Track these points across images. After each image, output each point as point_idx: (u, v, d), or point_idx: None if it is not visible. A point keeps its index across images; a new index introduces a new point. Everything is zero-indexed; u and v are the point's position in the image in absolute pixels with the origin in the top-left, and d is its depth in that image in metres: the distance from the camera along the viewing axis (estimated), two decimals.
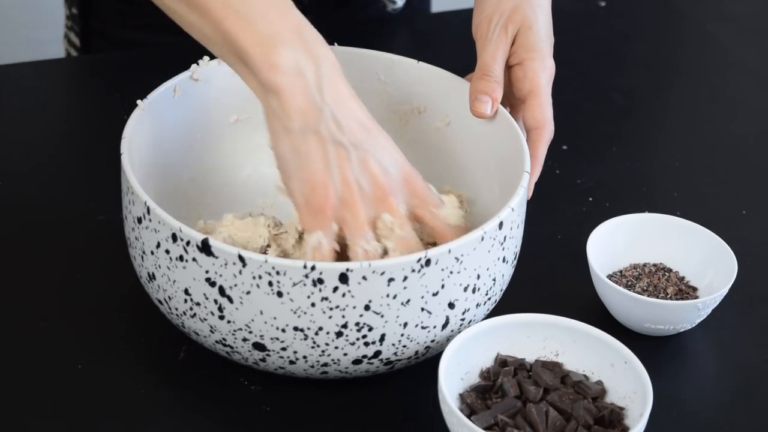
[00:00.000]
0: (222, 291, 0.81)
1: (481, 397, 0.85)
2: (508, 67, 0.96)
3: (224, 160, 1.01)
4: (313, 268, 0.78)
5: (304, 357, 0.83)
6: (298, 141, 0.82)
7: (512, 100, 0.98)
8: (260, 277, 0.79)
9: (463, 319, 0.86)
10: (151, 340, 0.92)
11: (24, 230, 1.01)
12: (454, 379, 0.85)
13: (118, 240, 0.94)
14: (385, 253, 0.84)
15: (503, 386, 0.84)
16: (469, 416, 0.82)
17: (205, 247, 0.80)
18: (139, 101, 0.92)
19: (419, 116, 1.02)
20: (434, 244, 0.86)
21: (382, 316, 0.81)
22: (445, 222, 0.87)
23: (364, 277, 0.79)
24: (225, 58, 0.84)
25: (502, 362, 0.87)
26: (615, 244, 0.98)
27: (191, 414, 0.87)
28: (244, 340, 0.83)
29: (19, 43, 2.22)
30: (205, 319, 0.83)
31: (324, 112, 0.82)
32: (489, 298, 0.87)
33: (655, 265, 0.99)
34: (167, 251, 0.82)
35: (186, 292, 0.83)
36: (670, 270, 0.99)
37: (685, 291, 0.97)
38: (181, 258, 0.82)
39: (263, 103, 0.83)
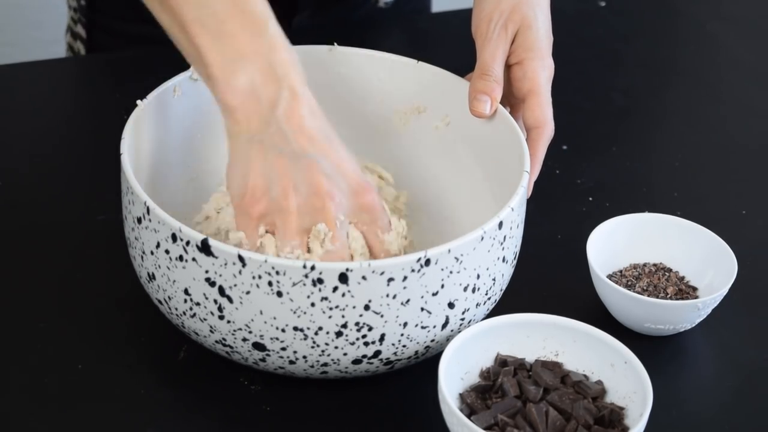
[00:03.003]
0: (222, 291, 0.81)
1: (481, 397, 0.85)
2: (508, 67, 0.96)
3: (224, 160, 1.00)
4: (312, 268, 0.78)
5: (304, 357, 0.83)
6: (243, 149, 0.83)
7: (512, 100, 0.98)
8: (260, 277, 0.79)
9: (462, 319, 0.86)
10: (151, 340, 0.92)
11: (24, 230, 1.01)
12: (454, 379, 0.84)
13: (118, 240, 0.94)
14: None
15: (503, 386, 0.84)
16: (469, 416, 0.82)
17: (204, 247, 0.80)
18: (139, 101, 0.92)
19: (419, 116, 1.02)
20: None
21: (381, 316, 0.81)
22: (385, 248, 0.86)
23: (363, 277, 0.79)
24: (196, 69, 0.86)
25: (502, 362, 0.87)
26: (615, 244, 0.98)
27: (191, 414, 0.87)
28: (244, 340, 0.83)
29: (20, 43, 2.22)
30: (205, 319, 0.83)
31: (270, 126, 0.83)
32: (489, 298, 0.87)
33: (655, 265, 0.99)
34: (167, 251, 0.82)
35: (186, 292, 0.83)
36: (670, 270, 0.99)
37: (685, 291, 0.97)
38: (180, 258, 0.82)
39: (223, 118, 0.85)
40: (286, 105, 0.83)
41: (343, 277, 0.79)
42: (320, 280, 0.79)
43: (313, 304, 0.80)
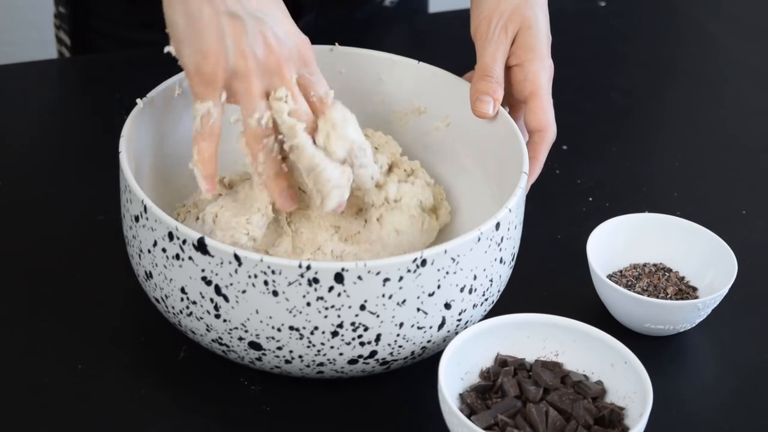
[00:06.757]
0: (218, 290, 0.81)
1: (481, 397, 0.85)
2: (507, 68, 0.96)
3: (224, 160, 1.00)
4: (308, 267, 0.78)
5: (300, 356, 0.83)
6: (192, 7, 0.82)
7: (511, 101, 0.97)
8: (255, 276, 0.79)
9: (459, 320, 0.85)
10: (151, 339, 0.92)
11: (24, 230, 1.01)
12: (454, 379, 0.84)
13: (118, 240, 0.94)
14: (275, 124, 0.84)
15: (503, 386, 0.84)
16: (469, 416, 0.82)
17: (201, 246, 0.80)
18: (138, 100, 0.92)
19: (419, 116, 1.02)
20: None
21: (377, 316, 0.81)
22: (318, 98, 0.86)
23: (359, 277, 0.79)
24: None
25: (502, 362, 0.87)
26: (615, 244, 0.98)
27: (191, 414, 0.87)
28: (240, 339, 0.83)
29: (20, 43, 2.22)
30: (202, 318, 0.83)
31: None
32: (486, 299, 0.87)
33: (655, 265, 0.99)
34: (164, 249, 0.82)
35: (182, 290, 0.83)
36: (670, 270, 0.99)
37: (685, 291, 0.97)
38: (177, 256, 0.82)
39: None
40: None
41: (339, 277, 0.79)
42: (316, 280, 0.79)
43: (308, 304, 0.80)
